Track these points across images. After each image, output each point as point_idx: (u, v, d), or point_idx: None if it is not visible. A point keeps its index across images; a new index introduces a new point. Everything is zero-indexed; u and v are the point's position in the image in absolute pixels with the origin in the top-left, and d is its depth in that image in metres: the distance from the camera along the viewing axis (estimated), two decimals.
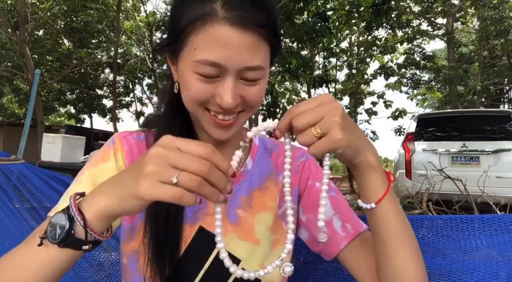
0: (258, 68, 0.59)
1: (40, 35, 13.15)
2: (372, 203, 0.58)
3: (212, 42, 0.57)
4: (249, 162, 0.77)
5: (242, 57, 0.57)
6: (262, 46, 0.59)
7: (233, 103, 0.59)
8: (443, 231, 0.76)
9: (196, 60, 0.58)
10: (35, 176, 1.47)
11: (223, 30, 0.56)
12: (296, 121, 0.51)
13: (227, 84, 0.59)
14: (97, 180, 0.68)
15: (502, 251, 0.70)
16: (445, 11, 11.74)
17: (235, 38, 0.56)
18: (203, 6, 0.57)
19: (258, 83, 0.62)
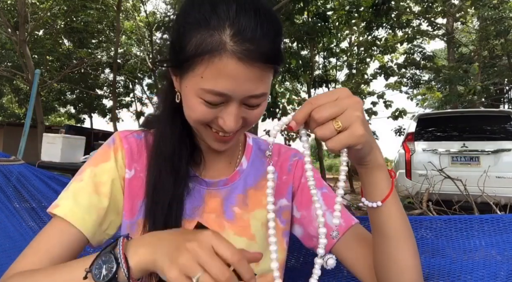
0: (262, 95, 0.61)
1: (40, 35, 13.15)
2: (378, 201, 0.59)
3: (219, 75, 0.57)
4: (244, 161, 0.79)
5: (247, 88, 0.59)
6: (266, 75, 0.60)
7: (235, 127, 0.62)
8: (442, 231, 0.76)
9: (202, 89, 0.59)
10: (34, 176, 1.47)
11: (231, 65, 0.56)
12: (318, 113, 0.50)
13: (230, 110, 0.61)
14: (98, 179, 0.70)
15: (501, 251, 0.70)
16: (445, 11, 11.74)
17: (242, 72, 0.57)
18: (211, 36, 0.56)
19: (260, 106, 0.64)
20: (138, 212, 0.71)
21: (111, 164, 0.72)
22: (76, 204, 0.67)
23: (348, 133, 0.50)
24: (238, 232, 0.73)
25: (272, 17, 0.59)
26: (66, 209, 0.66)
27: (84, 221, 0.66)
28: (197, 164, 0.74)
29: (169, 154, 0.69)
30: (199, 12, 0.57)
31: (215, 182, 0.75)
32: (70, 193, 0.69)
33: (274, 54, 0.59)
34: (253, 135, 0.87)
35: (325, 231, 0.56)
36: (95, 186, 0.69)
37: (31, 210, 1.43)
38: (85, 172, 0.71)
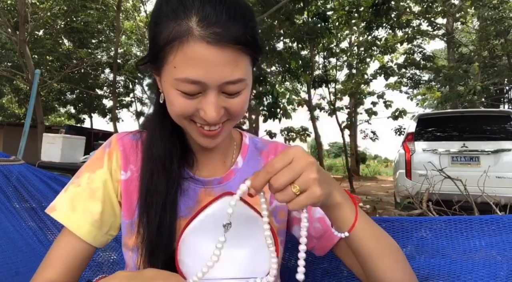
0: (239, 81, 0.60)
1: (40, 35, 13.15)
2: (345, 232, 0.61)
3: (190, 61, 0.57)
4: (240, 160, 0.79)
5: (221, 73, 0.58)
6: (241, 60, 0.60)
7: (216, 117, 0.61)
8: (442, 231, 0.76)
9: (176, 78, 0.59)
10: (34, 176, 1.47)
11: (200, 49, 0.57)
12: (276, 182, 0.53)
13: (209, 99, 0.60)
14: (94, 185, 0.72)
15: (501, 251, 0.70)
16: (445, 11, 11.74)
17: (212, 56, 0.57)
18: (179, 25, 0.57)
19: (240, 94, 0.63)
20: (135, 212, 0.72)
21: (104, 170, 0.74)
22: (72, 210, 0.70)
23: (307, 196, 0.53)
24: None
25: (240, 4, 0.60)
26: (62, 214, 0.70)
27: (79, 227, 0.69)
28: (190, 163, 0.75)
29: (159, 155, 0.70)
30: (167, 5, 0.59)
31: (210, 181, 0.74)
32: (67, 198, 0.72)
33: (245, 38, 0.58)
34: (250, 135, 0.86)
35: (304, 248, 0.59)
36: (91, 191, 0.72)
37: (31, 210, 1.43)
38: (82, 177, 0.73)
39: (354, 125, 17.41)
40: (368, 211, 5.32)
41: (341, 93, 14.89)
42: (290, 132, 12.97)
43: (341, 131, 12.48)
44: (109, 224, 0.73)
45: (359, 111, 17.48)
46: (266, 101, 8.70)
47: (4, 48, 13.21)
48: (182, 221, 0.70)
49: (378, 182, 15.00)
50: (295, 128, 13.13)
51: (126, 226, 0.73)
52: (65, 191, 0.73)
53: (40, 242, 1.36)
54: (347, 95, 15.68)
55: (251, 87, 0.66)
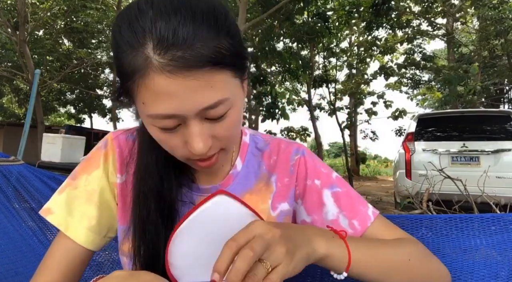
0: (219, 103, 0.51)
1: (40, 35, 13.15)
2: (343, 272, 0.58)
3: (156, 96, 0.49)
4: (239, 162, 0.72)
5: (195, 101, 0.50)
6: (217, 79, 0.50)
7: (204, 148, 0.53)
8: (443, 230, 0.76)
9: (148, 115, 0.52)
10: (34, 177, 1.47)
11: (163, 81, 0.48)
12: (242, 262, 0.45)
13: (192, 130, 0.52)
14: (90, 188, 0.69)
15: (502, 251, 0.70)
16: (445, 11, 11.75)
17: (179, 86, 0.48)
18: (136, 54, 0.49)
19: (226, 117, 0.54)
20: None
21: (100, 172, 0.70)
22: (70, 214, 0.68)
23: (280, 270, 0.48)
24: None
25: (202, 8, 0.49)
26: (60, 218, 0.68)
27: (76, 232, 0.67)
28: (186, 172, 0.69)
29: (153, 165, 0.65)
30: (120, 34, 0.50)
31: (207, 188, 0.70)
32: (64, 201, 0.69)
33: (216, 53, 0.48)
34: (251, 131, 0.79)
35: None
36: (88, 194, 0.69)
37: (30, 210, 1.43)
38: (79, 179, 0.70)
39: (354, 125, 17.41)
40: None
41: (341, 93, 14.89)
42: (290, 132, 12.98)
43: (341, 131, 12.49)
44: (107, 228, 0.70)
45: (359, 111, 17.48)
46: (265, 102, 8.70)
47: (4, 48, 13.21)
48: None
49: (378, 182, 15.00)
50: (295, 128, 13.14)
51: (122, 231, 0.69)
52: (60, 193, 0.70)
53: (40, 242, 1.36)
54: (347, 95, 15.69)
55: (242, 101, 0.57)
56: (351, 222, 0.69)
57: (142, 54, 0.48)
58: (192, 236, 0.56)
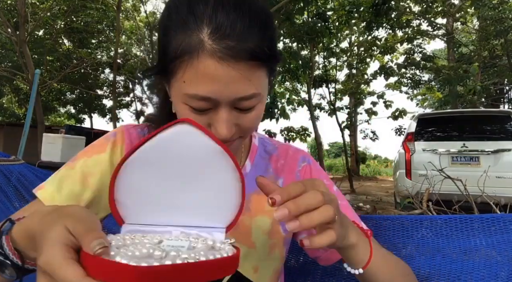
0: (253, 96, 0.56)
1: (40, 35, 13.16)
2: (359, 268, 0.58)
3: (201, 77, 0.53)
4: (248, 164, 0.74)
5: (234, 90, 0.54)
6: (256, 74, 0.55)
7: (228, 134, 0.57)
8: (443, 230, 0.76)
9: (186, 94, 0.55)
10: (35, 176, 1.47)
11: (212, 65, 0.52)
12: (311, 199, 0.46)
13: (220, 116, 0.56)
14: (87, 170, 0.67)
15: (502, 251, 0.70)
16: (445, 11, 11.75)
17: (225, 73, 0.53)
18: (189, 36, 0.53)
19: (254, 109, 0.59)
20: None
21: (105, 156, 0.68)
22: (58, 190, 0.65)
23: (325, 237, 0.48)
24: (238, 238, 0.67)
25: (257, 10, 0.55)
26: (47, 193, 0.65)
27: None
28: None
29: None
30: (177, 14, 0.55)
31: None
32: (57, 178, 0.66)
33: (261, 50, 0.54)
34: (260, 135, 0.81)
35: None
36: (83, 175, 0.66)
37: None
38: (78, 161, 0.68)
39: (354, 125, 17.42)
40: (368, 211, 5.32)
41: (341, 93, 14.89)
42: (290, 132, 12.98)
43: (341, 131, 12.49)
44: (98, 213, 0.67)
45: (359, 111, 17.48)
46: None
47: (4, 48, 13.21)
48: None
49: (378, 182, 15.00)
50: (295, 128, 13.14)
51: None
52: (56, 173, 0.68)
53: None
54: (347, 95, 15.69)
55: (266, 99, 0.62)
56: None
57: (197, 37, 0.52)
58: (143, 169, 0.48)
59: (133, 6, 14.23)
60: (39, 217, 0.43)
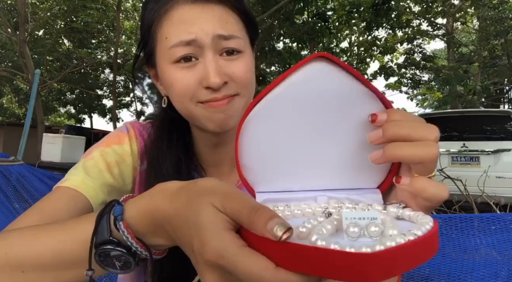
0: (232, 37, 0.59)
1: (40, 35, 13.15)
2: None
3: (179, 24, 0.58)
4: None
5: (211, 26, 0.58)
6: (231, 19, 0.60)
7: (220, 80, 0.57)
8: (443, 230, 0.76)
9: (171, 46, 0.58)
10: (34, 177, 1.47)
11: (187, 10, 0.58)
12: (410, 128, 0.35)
13: (208, 62, 0.58)
14: (109, 159, 0.64)
15: (502, 250, 0.70)
16: (445, 11, 11.74)
17: (200, 13, 0.58)
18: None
19: (240, 58, 0.61)
20: None
21: (126, 148, 0.67)
22: (89, 178, 0.61)
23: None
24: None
25: None
26: (76, 181, 0.60)
27: (96, 194, 0.60)
28: (197, 173, 0.69)
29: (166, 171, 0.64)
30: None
31: None
32: (80, 169, 0.62)
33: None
34: None
35: None
36: (107, 164, 0.64)
37: None
38: (94, 152, 0.65)
39: None
40: None
41: None
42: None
43: None
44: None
45: None
46: None
47: (4, 48, 13.21)
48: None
49: None
50: None
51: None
52: (75, 168, 0.63)
53: None
54: None
55: (252, 60, 0.64)
56: None
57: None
58: (271, 123, 0.38)
59: (133, 6, 14.22)
60: (165, 196, 0.36)
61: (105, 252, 0.38)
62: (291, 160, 0.39)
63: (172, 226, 0.35)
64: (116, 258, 0.39)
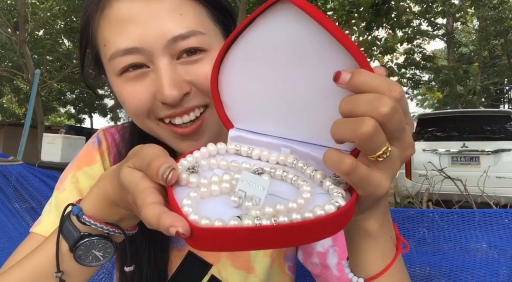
0: (192, 34, 0.44)
1: (40, 35, 13.15)
2: (361, 278, 0.40)
3: (117, 26, 0.43)
4: None
5: (161, 27, 0.43)
6: (186, 6, 0.45)
7: (177, 92, 0.45)
8: (444, 229, 0.76)
9: (111, 56, 0.45)
10: (34, 176, 1.47)
11: (125, 4, 0.43)
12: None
13: (160, 71, 0.44)
14: (81, 186, 0.60)
15: (503, 248, 0.70)
16: (445, 11, 11.74)
17: (143, 9, 0.43)
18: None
19: (205, 58, 0.46)
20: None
21: (97, 167, 0.62)
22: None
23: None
24: (235, 263, 0.62)
25: None
26: (48, 225, 0.56)
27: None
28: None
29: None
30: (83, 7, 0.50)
31: None
32: (53, 206, 0.59)
33: None
34: None
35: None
36: (79, 193, 0.59)
37: (30, 210, 1.43)
38: (66, 180, 0.61)
39: None
40: None
41: None
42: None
43: None
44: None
45: None
46: None
47: (4, 48, 13.21)
48: (174, 250, 0.61)
49: None
50: None
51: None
52: (49, 203, 0.60)
53: None
54: None
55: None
56: (340, 263, 0.59)
57: None
58: (248, 66, 0.38)
59: None
60: (106, 180, 0.39)
61: (82, 247, 0.39)
62: (264, 103, 0.39)
63: (119, 200, 0.37)
64: (95, 249, 0.40)
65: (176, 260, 0.60)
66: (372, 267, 0.39)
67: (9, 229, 1.34)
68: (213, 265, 0.61)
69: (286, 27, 0.34)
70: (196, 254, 0.61)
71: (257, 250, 0.32)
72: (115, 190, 0.37)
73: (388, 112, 0.27)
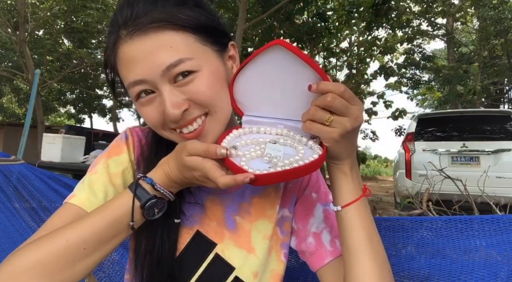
0: (181, 61, 0.57)
1: (40, 35, 13.14)
2: (338, 205, 0.61)
3: (125, 64, 0.58)
4: None
5: (156, 61, 0.56)
6: (174, 40, 0.57)
7: (177, 111, 0.59)
8: (443, 231, 0.76)
9: (127, 87, 0.61)
10: (34, 176, 1.47)
11: (127, 47, 0.57)
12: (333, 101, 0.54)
13: (163, 96, 0.58)
14: (112, 171, 0.69)
15: (502, 251, 0.70)
16: (445, 11, 11.74)
17: (140, 48, 0.56)
18: (112, 34, 0.60)
19: (196, 78, 0.59)
20: None
21: (124, 156, 0.71)
22: (93, 194, 0.65)
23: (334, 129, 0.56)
24: (238, 242, 0.70)
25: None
26: (82, 199, 0.65)
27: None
28: None
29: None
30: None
31: (216, 189, 0.70)
32: (86, 185, 0.67)
33: (171, 16, 0.57)
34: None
35: None
36: (109, 176, 0.69)
37: (31, 210, 1.43)
38: (98, 164, 0.70)
39: None
40: None
41: None
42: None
43: None
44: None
45: None
46: None
47: (4, 48, 13.21)
48: (184, 229, 0.68)
49: (378, 182, 14.99)
50: None
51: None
52: (82, 181, 0.69)
53: None
54: None
55: (215, 72, 0.62)
56: (333, 240, 0.72)
57: (115, 34, 0.59)
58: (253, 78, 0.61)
59: None
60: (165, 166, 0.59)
61: (150, 204, 0.58)
62: (263, 98, 0.63)
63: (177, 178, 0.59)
64: (156, 207, 0.59)
65: (186, 237, 0.69)
66: (345, 198, 0.61)
67: (9, 230, 1.34)
68: (217, 244, 0.70)
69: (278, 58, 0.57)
70: (203, 234, 0.70)
71: (288, 180, 0.69)
72: (175, 172, 0.58)
73: (330, 100, 0.54)
